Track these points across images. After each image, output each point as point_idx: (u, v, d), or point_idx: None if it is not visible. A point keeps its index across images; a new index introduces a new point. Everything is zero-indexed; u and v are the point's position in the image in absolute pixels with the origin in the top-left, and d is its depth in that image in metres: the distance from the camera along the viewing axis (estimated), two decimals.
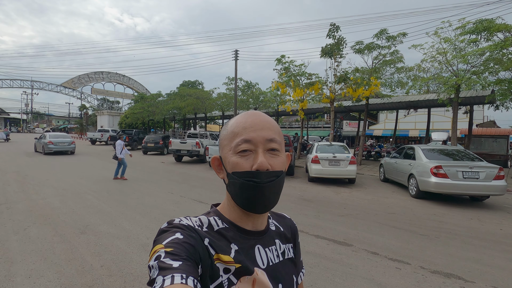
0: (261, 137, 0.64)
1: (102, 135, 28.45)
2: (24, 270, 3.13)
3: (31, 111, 66.42)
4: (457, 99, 11.74)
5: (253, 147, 0.63)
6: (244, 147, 0.63)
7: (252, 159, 0.63)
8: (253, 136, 0.63)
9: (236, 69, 22.20)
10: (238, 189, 0.63)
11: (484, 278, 3.23)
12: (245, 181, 0.61)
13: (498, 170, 6.77)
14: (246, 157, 0.63)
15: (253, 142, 0.63)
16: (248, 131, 0.64)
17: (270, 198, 0.64)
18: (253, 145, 0.63)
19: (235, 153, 0.63)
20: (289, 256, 0.76)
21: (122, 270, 3.18)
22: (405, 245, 4.18)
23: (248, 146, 0.63)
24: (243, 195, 0.63)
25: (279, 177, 0.64)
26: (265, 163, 0.61)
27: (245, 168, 0.62)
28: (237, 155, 0.63)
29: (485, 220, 5.70)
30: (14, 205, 5.74)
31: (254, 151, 0.63)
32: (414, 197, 7.65)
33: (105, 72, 56.85)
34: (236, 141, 0.64)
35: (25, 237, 4.08)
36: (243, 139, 0.63)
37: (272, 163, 0.63)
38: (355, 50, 14.42)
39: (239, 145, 0.63)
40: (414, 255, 3.81)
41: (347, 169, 9.29)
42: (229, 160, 0.64)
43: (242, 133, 0.64)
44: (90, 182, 8.57)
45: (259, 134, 0.64)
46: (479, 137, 17.05)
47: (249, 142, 0.63)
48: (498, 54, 10.71)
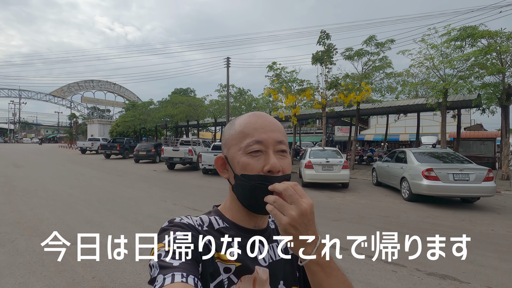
0: (271, 138, 0.64)
1: (92, 144, 27.97)
2: (12, 283, 3.02)
3: (18, 121, 65.05)
4: (445, 103, 12.02)
5: (264, 148, 0.63)
6: (256, 148, 0.63)
7: (263, 160, 0.63)
8: (264, 137, 0.64)
9: (228, 76, 22.28)
10: (247, 191, 0.63)
11: (478, 279, 3.26)
12: (257, 184, 0.61)
13: (487, 171, 6.91)
14: (257, 157, 0.63)
15: (264, 143, 0.63)
16: (259, 132, 0.64)
17: None
18: (264, 146, 0.63)
19: (246, 153, 0.63)
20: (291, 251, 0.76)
21: (115, 281, 3.10)
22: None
23: (260, 147, 0.63)
24: (251, 197, 0.63)
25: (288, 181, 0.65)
26: (277, 164, 0.62)
27: (256, 169, 0.62)
28: (248, 155, 0.63)
29: (477, 221, 5.78)
30: (1, 217, 5.55)
31: (265, 152, 0.63)
32: (407, 200, 7.72)
33: (95, 80, 56.23)
34: (247, 141, 0.63)
35: (13, 249, 3.94)
36: (254, 140, 0.63)
37: (282, 164, 0.64)
38: (345, 57, 14.69)
39: (250, 145, 0.63)
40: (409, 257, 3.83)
41: (340, 174, 9.35)
42: (239, 160, 0.64)
43: (253, 134, 0.64)
44: (80, 192, 8.38)
45: (269, 136, 0.64)
46: (467, 140, 17.45)
47: (261, 143, 0.63)
48: (482, 59, 11.05)
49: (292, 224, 0.52)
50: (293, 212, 0.52)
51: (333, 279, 0.57)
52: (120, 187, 9.34)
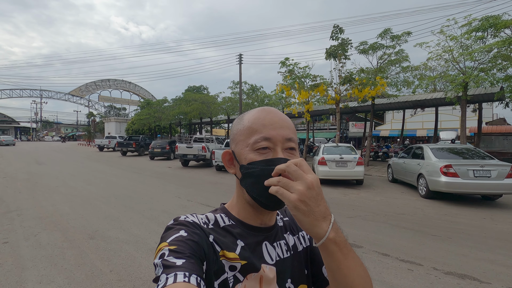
0: (280, 135, 0.62)
1: (109, 142, 28.79)
2: (35, 275, 3.16)
3: (40, 120, 67.73)
4: (465, 97, 11.55)
5: (272, 145, 0.62)
6: (264, 145, 0.62)
7: (271, 157, 0.61)
8: (273, 134, 0.62)
9: (241, 73, 22.30)
10: (255, 177, 0.60)
11: (499, 279, 3.14)
12: (265, 168, 0.59)
13: (510, 168, 6.62)
14: (264, 154, 0.62)
15: (273, 140, 0.62)
16: (268, 129, 0.62)
17: None
18: (272, 143, 0.62)
19: (253, 150, 0.62)
20: (301, 247, 0.74)
21: (131, 274, 3.19)
22: (416, 246, 4.10)
23: (268, 144, 0.62)
24: (260, 184, 0.59)
25: None
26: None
27: None
28: (255, 152, 0.62)
29: (499, 220, 5.56)
30: (25, 211, 5.82)
31: (273, 149, 0.62)
32: (424, 197, 7.52)
33: (111, 79, 57.65)
34: (255, 138, 0.62)
35: (36, 243, 4.12)
36: (263, 137, 0.62)
37: None
38: (359, 51, 14.35)
39: (258, 142, 0.62)
40: (426, 256, 3.73)
41: (355, 170, 9.20)
42: (246, 157, 0.63)
43: (261, 130, 0.62)
44: (98, 188, 8.65)
45: (278, 133, 0.62)
46: (489, 135, 16.77)
47: (269, 140, 0.62)
48: (506, 51, 10.54)
49: (301, 199, 0.50)
50: (300, 187, 0.51)
51: (351, 261, 0.54)
52: (136, 183, 9.57)
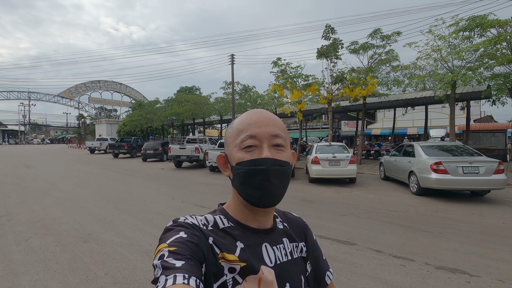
0: (266, 132, 0.64)
1: (100, 144, 28.35)
2: (27, 281, 3.11)
3: (28, 122, 66.32)
4: (454, 95, 11.81)
5: (258, 142, 0.63)
6: (249, 143, 0.63)
7: (257, 154, 0.62)
8: (258, 131, 0.63)
9: (233, 73, 22.27)
10: (242, 178, 0.62)
11: (489, 272, 3.23)
12: (251, 168, 0.61)
13: (498, 164, 6.79)
14: (251, 152, 0.63)
15: (258, 137, 0.63)
16: (253, 127, 0.64)
17: (276, 186, 0.62)
18: (258, 140, 0.63)
19: (240, 149, 0.63)
20: (297, 255, 0.74)
21: (127, 277, 3.17)
22: (408, 242, 4.18)
23: (253, 141, 0.63)
24: (248, 184, 0.61)
25: (284, 167, 0.63)
26: (269, 156, 0.61)
27: None
28: (242, 150, 0.63)
29: (487, 215, 5.71)
30: (15, 216, 5.70)
31: (259, 147, 0.63)
32: (415, 194, 7.65)
33: (102, 80, 56.82)
34: (241, 137, 0.64)
35: (28, 248, 4.05)
36: (248, 135, 0.63)
37: (277, 157, 0.63)
38: (350, 50, 14.51)
39: (244, 140, 0.63)
40: (418, 251, 3.81)
41: (347, 169, 9.30)
42: (234, 156, 0.64)
43: (247, 129, 0.64)
44: (90, 191, 8.54)
45: (264, 130, 0.64)
46: (477, 132, 17.15)
47: (254, 137, 0.63)
48: (492, 50, 10.81)
49: None
50: None
51: None
52: (129, 185, 9.47)
